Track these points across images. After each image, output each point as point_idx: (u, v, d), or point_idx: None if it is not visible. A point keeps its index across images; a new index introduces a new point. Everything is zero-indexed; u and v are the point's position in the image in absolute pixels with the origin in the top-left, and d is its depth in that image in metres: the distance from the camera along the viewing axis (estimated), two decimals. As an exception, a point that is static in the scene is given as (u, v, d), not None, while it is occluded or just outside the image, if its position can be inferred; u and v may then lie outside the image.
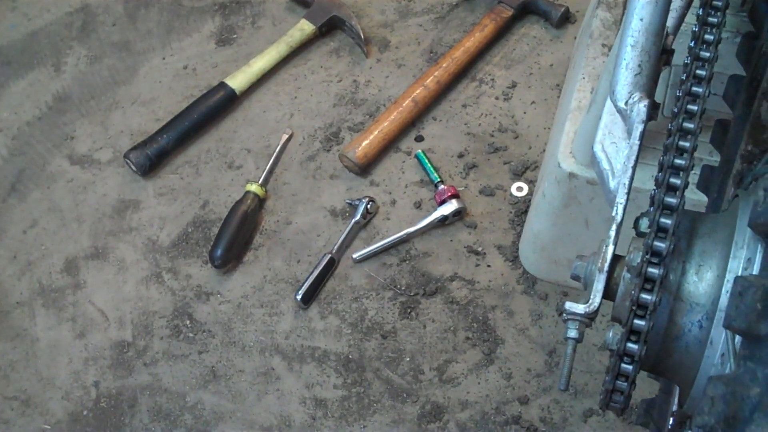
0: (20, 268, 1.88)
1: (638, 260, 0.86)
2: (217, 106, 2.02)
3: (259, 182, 1.91)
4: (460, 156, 1.95)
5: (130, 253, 1.88)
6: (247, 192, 1.89)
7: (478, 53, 2.06)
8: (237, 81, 2.04)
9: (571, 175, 1.51)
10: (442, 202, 1.84)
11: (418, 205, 1.89)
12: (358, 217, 1.86)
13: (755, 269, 0.81)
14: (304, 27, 2.12)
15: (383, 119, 1.96)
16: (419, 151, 1.94)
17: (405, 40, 2.14)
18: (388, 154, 1.96)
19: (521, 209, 1.87)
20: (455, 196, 1.85)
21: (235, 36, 2.18)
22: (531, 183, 1.89)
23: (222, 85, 2.04)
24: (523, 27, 2.13)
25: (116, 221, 1.92)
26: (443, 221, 1.84)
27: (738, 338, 0.77)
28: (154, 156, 1.96)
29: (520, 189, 1.89)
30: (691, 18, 1.18)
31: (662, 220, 0.88)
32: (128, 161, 1.95)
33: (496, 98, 2.02)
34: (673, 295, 0.88)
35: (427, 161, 1.92)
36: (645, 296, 0.85)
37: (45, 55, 2.18)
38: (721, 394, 0.67)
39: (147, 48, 2.18)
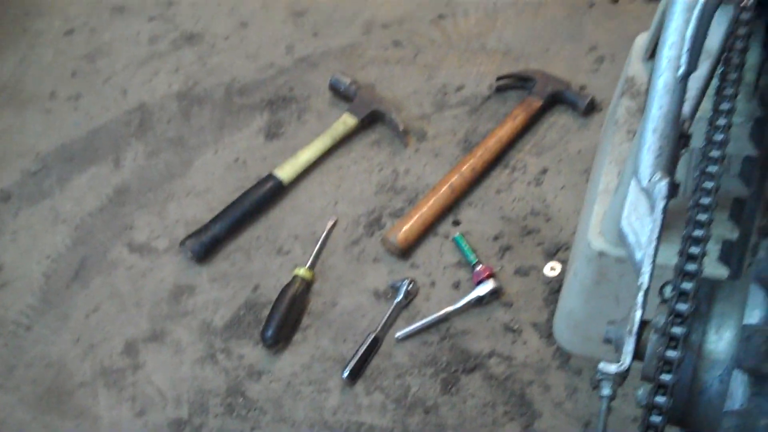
0: (83, 350, 1.99)
1: (663, 321, 0.96)
2: (266, 196, 2.15)
3: (307, 266, 2.02)
4: (496, 239, 2.05)
5: (186, 335, 1.99)
6: (296, 276, 2.00)
7: (510, 142, 2.19)
8: (284, 172, 2.18)
9: (601, 254, 1.60)
10: (479, 283, 1.94)
11: (456, 286, 1.99)
12: (400, 298, 1.96)
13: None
14: (347, 120, 2.26)
15: (422, 205, 2.07)
16: (457, 234, 2.05)
17: (441, 131, 2.27)
18: (428, 237, 2.07)
19: (554, 288, 1.95)
20: (491, 276, 1.94)
21: (282, 130, 2.32)
22: (563, 263, 1.99)
23: (270, 176, 2.17)
24: (552, 116, 2.26)
25: (173, 305, 2.03)
26: (480, 301, 1.93)
27: (747, 377, 0.86)
28: (208, 244, 2.08)
29: (553, 269, 1.99)
30: (708, 103, 1.29)
31: (683, 285, 0.97)
32: (184, 249, 2.08)
33: (528, 184, 2.14)
34: (695, 353, 0.97)
35: (464, 244, 2.02)
36: (670, 353, 0.94)
37: (105, 151, 2.34)
38: (735, 425, 0.76)
39: (200, 143, 2.33)
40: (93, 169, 2.31)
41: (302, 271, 2.00)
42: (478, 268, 1.96)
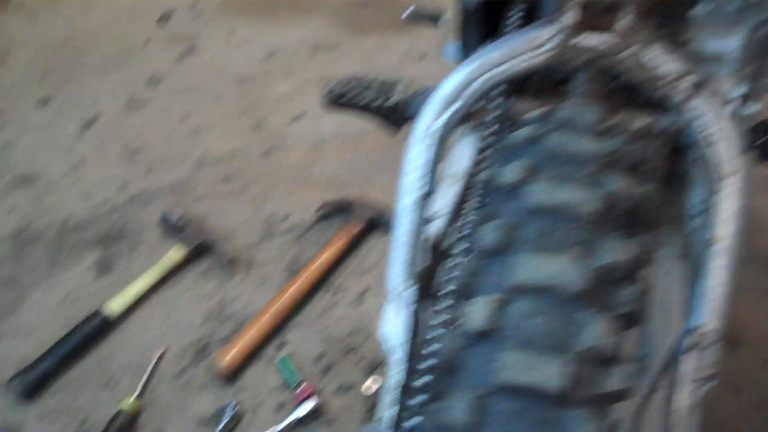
0: None
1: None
2: (94, 332, 2.18)
3: (134, 398, 2.04)
4: (319, 358, 2.13)
5: (9, 475, 1.98)
6: (122, 408, 2.02)
7: (333, 265, 2.30)
8: (114, 306, 2.22)
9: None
10: (301, 403, 2.00)
11: (279, 408, 2.04)
12: (223, 424, 1.99)
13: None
14: (177, 252, 2.34)
15: (249, 330, 2.14)
16: (282, 356, 2.12)
17: (268, 259, 2.37)
18: (254, 361, 2.13)
19: (374, 401, 2.03)
20: (312, 395, 2.01)
21: (114, 265, 2.38)
22: (383, 377, 2.07)
23: (100, 311, 2.21)
24: (373, 239, 2.39)
25: (-3, 446, 2.02)
26: (302, 421, 1.99)
27: None
28: (35, 382, 2.08)
29: (373, 383, 2.07)
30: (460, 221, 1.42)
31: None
32: (10, 388, 2.08)
33: (351, 304, 2.24)
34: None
35: (288, 365, 2.09)
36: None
37: (-67, 297, 2.35)
38: None
39: (32, 281, 2.36)
40: None
41: (127, 404, 2.02)
42: (300, 388, 2.03)
